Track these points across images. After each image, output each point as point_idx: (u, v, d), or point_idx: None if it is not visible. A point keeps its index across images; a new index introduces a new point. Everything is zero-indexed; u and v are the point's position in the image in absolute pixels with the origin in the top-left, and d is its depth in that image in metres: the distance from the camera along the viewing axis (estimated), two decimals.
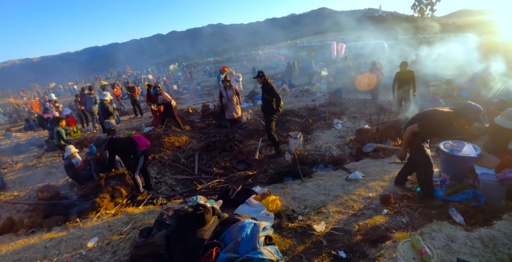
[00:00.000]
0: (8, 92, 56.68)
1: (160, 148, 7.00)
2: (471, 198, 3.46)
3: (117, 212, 4.60)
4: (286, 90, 13.32)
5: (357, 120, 8.26)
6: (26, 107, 21.96)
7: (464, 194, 3.52)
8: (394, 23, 41.59)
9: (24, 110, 21.40)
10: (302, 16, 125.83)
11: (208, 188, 4.85)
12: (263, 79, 5.95)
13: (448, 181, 3.80)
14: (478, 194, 3.45)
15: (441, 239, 2.38)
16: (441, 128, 3.39)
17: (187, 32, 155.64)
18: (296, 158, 5.22)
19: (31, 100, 25.23)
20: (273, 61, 31.65)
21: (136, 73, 46.18)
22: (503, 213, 2.86)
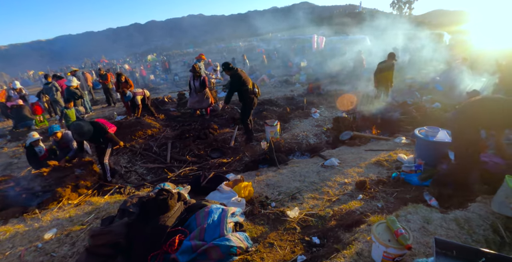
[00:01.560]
0: None
1: (131, 136, 6.65)
2: None
3: (81, 202, 4.30)
4: (265, 80, 13.16)
5: (334, 110, 8.24)
6: None
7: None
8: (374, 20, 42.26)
9: None
10: (283, 10, 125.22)
11: (180, 176, 4.63)
12: (230, 71, 5.78)
13: (422, 167, 3.80)
14: None
15: (416, 221, 2.31)
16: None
17: (166, 22, 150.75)
18: (272, 145, 5.08)
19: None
20: (254, 53, 31.28)
21: (112, 63, 44.34)
22: (477, 196, 2.84)
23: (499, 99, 3.02)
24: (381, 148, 5.07)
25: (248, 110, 6.03)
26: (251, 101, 5.91)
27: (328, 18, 54.49)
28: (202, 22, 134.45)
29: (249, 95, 5.79)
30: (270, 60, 18.79)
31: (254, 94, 5.88)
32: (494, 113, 2.90)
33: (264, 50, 31.28)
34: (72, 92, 7.51)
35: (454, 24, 35.84)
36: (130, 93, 8.19)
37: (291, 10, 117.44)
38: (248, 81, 5.81)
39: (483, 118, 2.99)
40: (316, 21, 58.52)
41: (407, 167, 3.88)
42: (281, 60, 20.37)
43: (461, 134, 3.12)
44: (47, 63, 73.33)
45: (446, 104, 7.22)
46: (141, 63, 36.56)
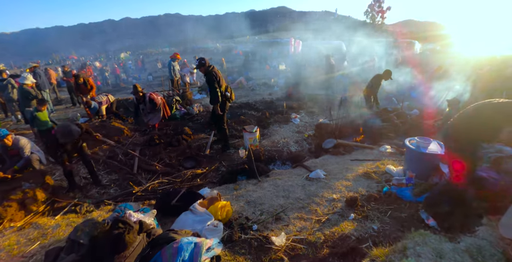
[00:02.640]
0: None
1: (95, 142, 5.94)
2: None
3: (26, 224, 3.63)
4: (242, 83, 12.71)
5: (315, 115, 7.97)
6: None
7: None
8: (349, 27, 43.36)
9: None
10: (261, 13, 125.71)
11: (147, 191, 4.06)
12: (205, 69, 5.19)
13: (414, 180, 3.53)
14: None
15: (428, 255, 1.96)
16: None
17: (141, 19, 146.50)
18: (251, 154, 4.64)
19: None
20: (231, 55, 30.79)
21: (82, 59, 41.98)
22: (478, 216, 2.58)
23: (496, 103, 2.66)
24: (366, 157, 4.79)
25: (222, 115, 5.52)
26: (223, 105, 5.42)
27: (305, 23, 55.31)
28: (179, 22, 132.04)
29: (222, 98, 5.30)
30: (247, 63, 18.40)
31: (225, 98, 5.38)
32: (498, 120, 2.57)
33: (242, 52, 30.92)
34: (25, 91, 6.63)
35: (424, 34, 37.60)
36: (95, 105, 7.41)
37: (268, 13, 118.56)
38: (222, 83, 5.32)
39: (485, 129, 2.71)
40: (293, 25, 59.22)
41: (398, 180, 3.62)
42: (258, 63, 20.05)
43: (461, 151, 2.82)
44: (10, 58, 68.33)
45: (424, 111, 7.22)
46: (114, 61, 34.86)
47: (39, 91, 7.86)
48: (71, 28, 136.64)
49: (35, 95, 6.66)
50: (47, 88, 9.93)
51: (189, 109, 7.80)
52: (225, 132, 5.68)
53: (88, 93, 7.91)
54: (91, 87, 7.83)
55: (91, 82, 7.82)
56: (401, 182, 3.56)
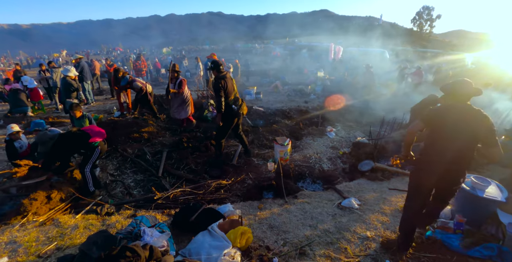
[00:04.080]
0: None
1: (125, 138, 5.98)
2: (496, 255, 2.70)
3: (48, 219, 3.63)
4: (278, 87, 12.40)
5: (352, 130, 7.47)
6: (3, 75, 20.17)
7: (486, 249, 2.75)
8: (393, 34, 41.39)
9: (1, 77, 19.62)
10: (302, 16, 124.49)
11: (168, 198, 3.91)
12: (216, 73, 4.82)
13: (464, 226, 3.03)
14: (504, 251, 2.70)
15: None
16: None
17: (186, 16, 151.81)
18: (280, 169, 4.34)
19: (7, 68, 23.34)
20: (269, 56, 30.61)
21: (127, 52, 44.12)
22: None
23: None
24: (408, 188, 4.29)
25: (225, 127, 5.07)
26: (229, 118, 4.98)
27: (347, 28, 53.75)
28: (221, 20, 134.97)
29: (227, 109, 4.86)
30: (285, 66, 18.05)
31: (232, 111, 4.90)
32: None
33: (280, 54, 30.61)
34: (67, 83, 6.86)
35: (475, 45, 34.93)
36: (127, 77, 7.24)
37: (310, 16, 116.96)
38: (231, 93, 4.87)
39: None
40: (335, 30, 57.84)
41: (444, 222, 3.15)
42: (296, 67, 19.63)
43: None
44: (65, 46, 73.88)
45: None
46: (156, 55, 36.16)
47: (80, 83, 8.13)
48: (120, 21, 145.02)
49: (76, 87, 6.87)
50: (89, 80, 10.33)
51: None
52: (220, 146, 5.23)
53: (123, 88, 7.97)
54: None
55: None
56: (448, 226, 3.09)
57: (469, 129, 2.33)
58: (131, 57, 26.81)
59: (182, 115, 6.65)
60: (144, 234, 2.69)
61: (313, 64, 21.53)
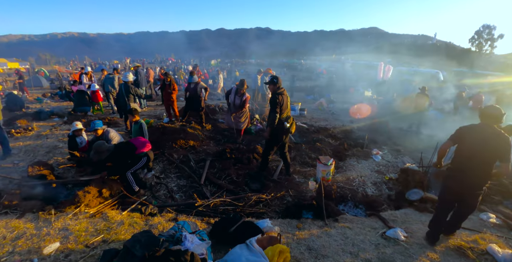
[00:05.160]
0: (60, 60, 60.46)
1: (172, 144, 6.27)
2: None
3: (98, 212, 3.88)
4: (323, 105, 12.24)
5: (400, 154, 7.05)
6: (70, 77, 22.58)
7: None
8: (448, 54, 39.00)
9: (68, 79, 21.96)
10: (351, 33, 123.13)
11: (208, 207, 3.97)
12: (274, 88, 4.85)
13: None
14: None
15: None
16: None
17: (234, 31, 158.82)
18: (322, 190, 4.22)
19: (74, 71, 26.04)
20: (314, 73, 30.53)
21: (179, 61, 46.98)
22: None
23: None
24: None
25: (273, 144, 5.07)
26: (279, 134, 4.95)
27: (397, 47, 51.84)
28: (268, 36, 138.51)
29: (278, 125, 4.85)
30: (330, 83, 17.84)
31: (283, 128, 4.87)
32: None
33: (326, 71, 30.38)
34: (127, 88, 7.45)
35: None
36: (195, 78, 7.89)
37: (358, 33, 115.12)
38: (284, 110, 4.89)
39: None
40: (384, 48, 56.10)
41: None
42: (342, 85, 19.31)
43: None
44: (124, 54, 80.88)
45: None
46: (204, 66, 37.92)
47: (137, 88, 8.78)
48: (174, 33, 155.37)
49: (133, 92, 7.41)
50: (144, 86, 11.14)
51: (266, 125, 7.70)
52: (265, 162, 5.23)
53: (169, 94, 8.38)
54: (173, 89, 8.30)
55: (174, 86, 8.32)
56: None
57: (490, 147, 2.89)
58: (181, 68, 28.39)
59: (241, 125, 7.06)
60: (185, 239, 2.75)
61: (360, 83, 21.02)
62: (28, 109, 11.05)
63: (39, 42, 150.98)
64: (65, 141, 7.18)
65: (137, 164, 4.45)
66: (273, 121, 4.78)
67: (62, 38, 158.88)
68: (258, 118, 7.92)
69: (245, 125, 7.17)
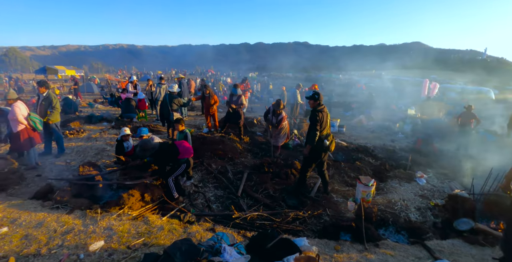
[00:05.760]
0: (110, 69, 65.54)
1: (211, 154, 6.42)
2: None
3: (140, 215, 4.05)
4: (362, 122, 11.88)
5: (447, 179, 6.58)
6: (118, 84, 24.36)
7: None
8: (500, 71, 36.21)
9: (116, 86, 23.70)
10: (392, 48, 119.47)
11: (245, 220, 3.98)
12: (314, 104, 4.84)
13: None
14: None
15: None
16: None
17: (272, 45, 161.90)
18: (362, 211, 4.05)
19: (122, 79, 28.00)
20: (353, 88, 29.90)
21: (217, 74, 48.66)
22: None
23: None
24: None
25: (312, 161, 4.98)
26: (318, 152, 4.86)
27: (443, 62, 49.16)
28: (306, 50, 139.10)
29: (318, 142, 4.77)
30: (370, 100, 17.29)
31: (323, 146, 4.78)
32: None
33: (365, 87, 29.62)
34: (171, 98, 7.84)
35: None
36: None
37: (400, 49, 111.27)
38: (324, 127, 4.82)
39: None
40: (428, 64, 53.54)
41: None
42: (383, 102, 18.67)
43: None
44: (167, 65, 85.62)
45: None
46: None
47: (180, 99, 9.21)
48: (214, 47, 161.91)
49: (177, 103, 7.78)
50: (186, 96, 11.64)
51: (303, 141, 7.63)
52: (304, 179, 5.13)
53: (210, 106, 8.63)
54: (214, 102, 8.55)
55: (215, 98, 8.56)
56: None
57: None
58: (220, 80, 29.28)
59: (278, 142, 7.12)
60: (224, 251, 2.77)
61: (402, 100, 20.19)
62: (81, 113, 12.04)
63: (93, 52, 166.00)
64: (112, 144, 7.68)
65: (177, 170, 4.57)
66: (313, 139, 4.74)
67: (112, 49, 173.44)
68: (296, 134, 7.88)
69: (283, 142, 7.23)
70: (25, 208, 3.94)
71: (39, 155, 6.38)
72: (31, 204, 4.12)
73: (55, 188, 4.90)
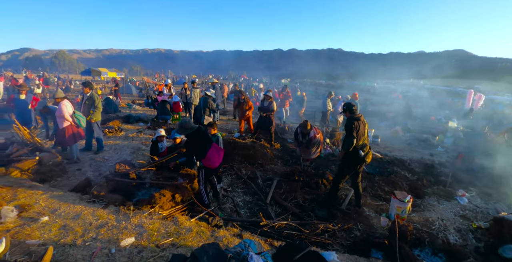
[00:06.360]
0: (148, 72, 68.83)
1: (241, 159, 6.45)
2: None
3: (170, 215, 4.14)
4: (398, 133, 11.33)
5: (492, 199, 6.05)
6: (155, 87, 25.49)
7: None
8: None
9: (153, 89, 24.81)
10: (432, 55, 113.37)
11: (273, 228, 3.92)
12: (350, 114, 4.73)
13: None
14: None
15: None
16: None
17: (306, 52, 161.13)
18: (396, 229, 3.82)
19: (159, 82, 29.23)
20: (388, 98, 28.78)
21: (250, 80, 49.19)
22: None
23: None
24: None
25: (346, 171, 4.81)
26: (354, 162, 4.70)
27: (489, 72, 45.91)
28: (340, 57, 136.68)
29: (353, 152, 4.62)
30: (407, 110, 16.49)
31: (359, 156, 4.61)
32: None
33: (402, 96, 28.40)
34: (206, 102, 8.03)
35: None
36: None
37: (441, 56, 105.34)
38: (361, 137, 4.65)
39: None
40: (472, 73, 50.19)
41: None
42: (420, 112, 17.73)
43: None
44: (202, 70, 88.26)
45: None
46: (274, 85, 38.86)
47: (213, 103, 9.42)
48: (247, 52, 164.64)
49: (210, 107, 7.95)
50: (219, 100, 11.89)
51: (335, 150, 7.43)
52: (336, 190, 4.95)
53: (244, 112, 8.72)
54: (249, 108, 8.62)
55: (249, 104, 8.64)
56: None
57: None
58: (253, 86, 29.50)
59: (310, 156, 6.95)
60: (251, 259, 2.72)
61: (442, 111, 19.08)
62: (120, 113, 12.69)
63: (133, 56, 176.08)
64: (147, 144, 7.99)
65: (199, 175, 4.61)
66: (349, 146, 4.60)
67: (151, 53, 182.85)
68: (328, 143, 7.70)
69: (315, 156, 6.97)
70: (65, 200, 4.18)
71: (80, 151, 6.80)
72: (71, 196, 4.36)
73: (93, 182, 5.18)
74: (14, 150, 6.04)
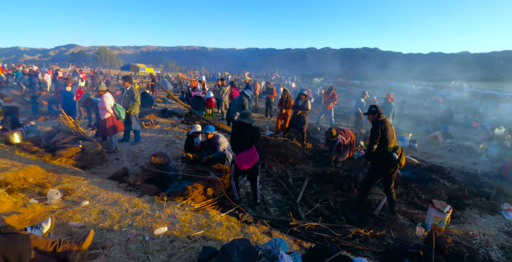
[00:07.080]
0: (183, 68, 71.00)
1: (273, 158, 6.45)
2: None
3: (201, 208, 4.24)
4: (438, 139, 10.70)
5: None
6: (189, 83, 26.22)
7: None
8: None
9: (187, 85, 25.56)
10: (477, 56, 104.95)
11: (303, 228, 3.88)
12: (373, 117, 4.53)
13: None
14: None
15: None
16: None
17: (340, 50, 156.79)
18: (433, 240, 3.62)
19: (193, 78, 30.02)
20: (427, 101, 27.28)
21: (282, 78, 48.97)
22: None
23: None
24: None
25: (376, 176, 4.63)
26: (386, 165, 4.49)
27: None
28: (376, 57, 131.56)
29: (385, 156, 4.42)
30: (449, 115, 15.52)
31: (393, 159, 4.41)
32: None
33: (443, 99, 26.78)
34: (241, 100, 8.16)
35: None
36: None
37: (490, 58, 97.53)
38: (391, 140, 4.43)
39: None
40: None
41: None
42: (463, 117, 16.62)
43: None
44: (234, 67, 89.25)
45: None
46: (307, 84, 38.34)
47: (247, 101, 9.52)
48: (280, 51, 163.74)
49: (244, 105, 8.03)
50: (251, 98, 11.97)
51: None
52: (365, 192, 4.79)
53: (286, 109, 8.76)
54: (289, 106, 8.65)
55: (291, 102, 8.65)
56: None
57: None
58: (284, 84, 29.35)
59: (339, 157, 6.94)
60: (281, 258, 2.72)
61: (488, 117, 17.75)
62: (156, 107, 13.20)
63: (168, 52, 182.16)
64: (181, 138, 8.24)
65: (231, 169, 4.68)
66: (370, 151, 4.48)
67: (186, 50, 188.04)
68: (362, 145, 7.47)
69: (347, 155, 6.98)
70: (104, 187, 4.42)
71: (118, 141, 7.17)
72: (109, 184, 4.60)
73: (129, 171, 5.45)
74: (60, 137, 6.53)
